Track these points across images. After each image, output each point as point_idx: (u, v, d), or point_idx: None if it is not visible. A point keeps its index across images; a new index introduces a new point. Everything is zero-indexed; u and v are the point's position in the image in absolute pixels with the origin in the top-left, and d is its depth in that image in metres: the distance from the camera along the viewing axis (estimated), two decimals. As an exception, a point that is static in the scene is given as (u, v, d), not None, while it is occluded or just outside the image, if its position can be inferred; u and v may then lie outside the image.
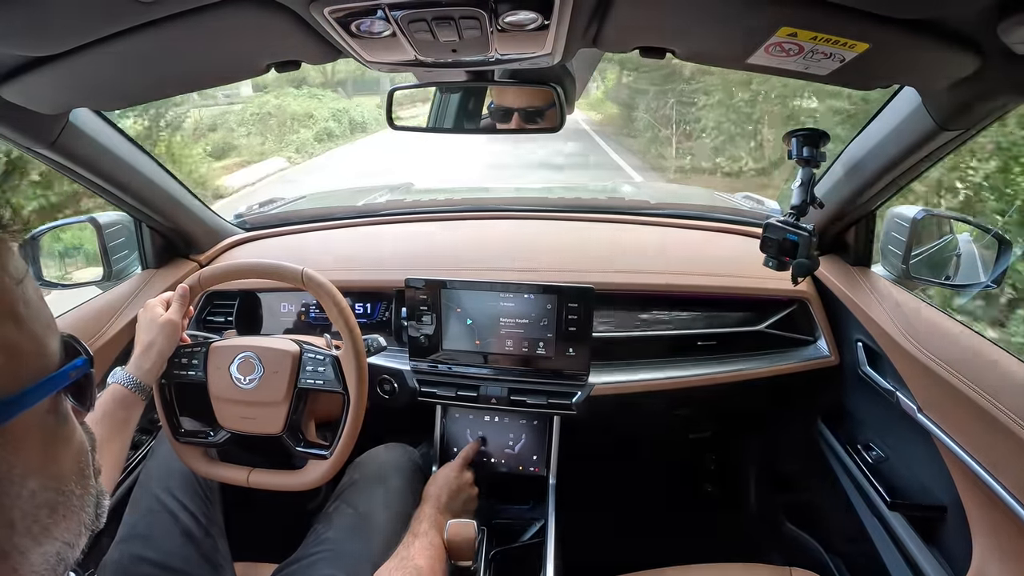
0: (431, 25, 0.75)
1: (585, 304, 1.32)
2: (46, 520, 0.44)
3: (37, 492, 0.43)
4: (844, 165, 1.31)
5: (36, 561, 0.43)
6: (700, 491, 2.11)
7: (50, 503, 0.44)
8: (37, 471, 0.43)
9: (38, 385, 0.43)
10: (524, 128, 1.23)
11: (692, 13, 0.78)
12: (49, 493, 0.44)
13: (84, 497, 0.48)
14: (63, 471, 0.46)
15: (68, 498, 0.46)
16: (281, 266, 1.12)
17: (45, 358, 0.45)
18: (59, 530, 0.45)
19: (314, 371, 1.12)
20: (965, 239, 1.39)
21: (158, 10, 0.72)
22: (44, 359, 0.45)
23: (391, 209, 2.03)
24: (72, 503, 0.47)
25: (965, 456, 1.02)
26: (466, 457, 1.37)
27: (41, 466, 0.44)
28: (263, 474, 1.14)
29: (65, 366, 0.46)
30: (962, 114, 0.95)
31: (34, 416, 0.43)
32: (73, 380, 0.47)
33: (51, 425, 0.45)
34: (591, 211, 1.93)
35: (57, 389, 0.45)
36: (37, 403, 0.43)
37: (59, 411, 0.46)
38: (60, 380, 0.45)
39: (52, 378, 0.44)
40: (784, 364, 1.44)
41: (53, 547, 0.44)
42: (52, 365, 0.45)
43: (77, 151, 1.18)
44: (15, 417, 0.41)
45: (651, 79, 12.26)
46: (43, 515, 0.43)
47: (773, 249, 1.17)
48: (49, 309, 0.47)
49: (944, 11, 0.70)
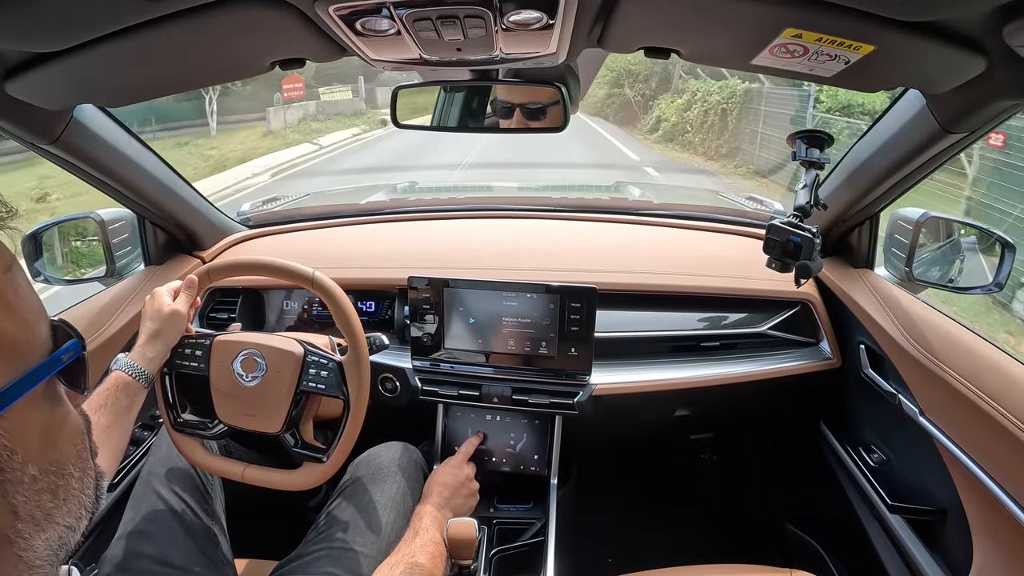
0: (436, 24, 0.76)
1: (588, 304, 1.32)
2: (48, 505, 0.44)
3: (38, 477, 0.43)
4: (848, 167, 1.31)
5: (39, 546, 0.43)
6: (701, 492, 2.11)
7: (51, 487, 0.44)
8: (37, 457, 0.43)
9: (31, 372, 0.43)
10: (528, 127, 1.23)
11: (697, 14, 0.78)
12: (50, 478, 0.44)
13: (83, 479, 0.49)
14: (62, 455, 0.46)
15: (68, 481, 0.46)
16: (292, 266, 1.12)
17: (36, 344, 0.45)
18: (60, 514, 0.45)
19: (316, 374, 1.12)
20: (968, 242, 1.39)
21: (164, 7, 0.72)
22: (35, 345, 0.45)
23: (394, 208, 2.03)
24: (72, 486, 0.47)
25: (966, 459, 1.02)
26: (467, 452, 1.37)
27: (40, 451, 0.44)
28: (259, 471, 1.14)
29: (56, 351, 0.46)
30: (967, 117, 0.95)
31: (30, 403, 0.43)
32: (66, 364, 0.47)
33: (46, 410, 0.45)
34: (594, 211, 1.93)
35: (50, 374, 0.45)
36: (31, 389, 0.43)
37: (53, 396, 0.46)
38: (53, 365, 0.45)
39: (45, 363, 0.44)
40: (786, 366, 1.44)
41: (55, 531, 0.45)
42: (44, 351, 0.45)
43: (81, 147, 1.19)
44: (12, 404, 0.41)
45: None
46: (45, 500, 0.44)
47: (776, 251, 1.17)
48: (38, 296, 0.47)
49: (949, 14, 0.70)
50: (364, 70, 19.96)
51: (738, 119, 12.68)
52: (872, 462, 1.35)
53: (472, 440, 1.42)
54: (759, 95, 11.92)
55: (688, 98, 14.90)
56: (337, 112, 21.25)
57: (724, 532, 1.95)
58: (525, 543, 1.33)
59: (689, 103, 14.68)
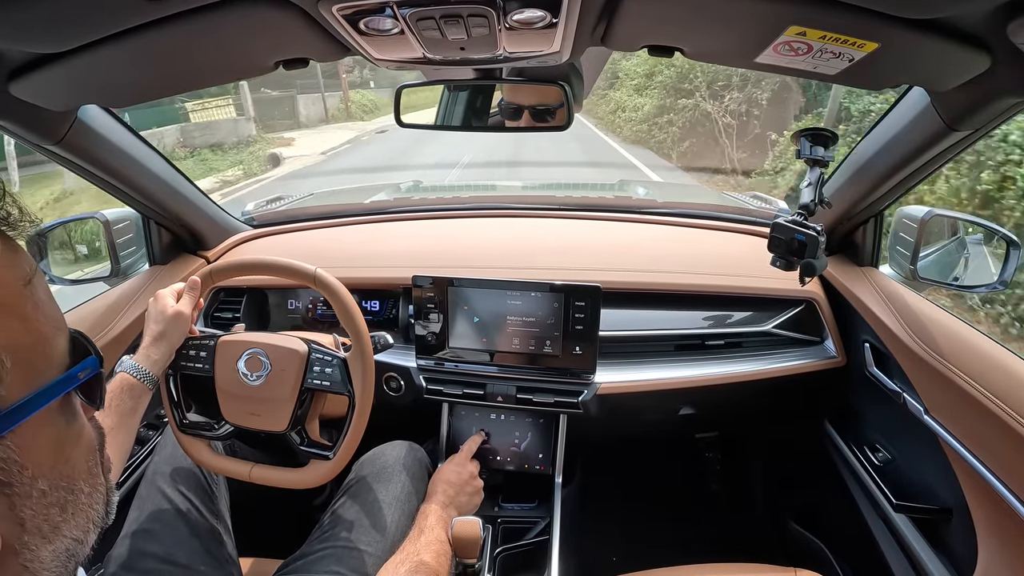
0: (439, 23, 0.75)
1: (592, 303, 1.31)
2: (56, 519, 0.44)
3: (47, 492, 0.43)
4: (853, 165, 1.30)
5: (46, 558, 0.43)
6: (705, 491, 2.11)
7: (60, 502, 0.44)
8: (47, 472, 0.43)
9: (47, 388, 0.42)
10: (533, 126, 1.23)
11: (701, 11, 0.78)
12: (59, 492, 0.44)
13: (93, 495, 0.48)
14: (73, 470, 0.46)
15: (77, 496, 0.46)
16: (294, 264, 1.12)
17: (54, 359, 0.44)
18: (68, 527, 0.45)
19: (321, 372, 1.12)
20: (974, 240, 1.39)
21: (167, 7, 0.72)
22: (53, 360, 0.44)
23: (398, 207, 2.03)
24: (81, 501, 0.46)
25: (971, 458, 1.01)
26: (470, 450, 1.37)
27: (51, 466, 0.43)
28: (265, 470, 1.14)
29: (74, 367, 0.45)
30: (971, 114, 0.94)
31: (44, 417, 0.42)
32: (82, 381, 0.46)
33: (61, 425, 0.45)
34: (598, 210, 1.93)
35: (65, 391, 0.44)
36: (46, 405, 0.42)
37: (68, 410, 0.46)
38: (69, 382, 0.45)
39: (61, 380, 0.44)
40: (791, 364, 1.44)
41: (63, 544, 0.44)
42: (61, 366, 0.45)
43: (86, 148, 1.19)
44: (25, 420, 0.40)
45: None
46: (53, 514, 0.43)
47: (781, 249, 1.17)
48: (58, 308, 0.46)
49: (953, 11, 0.70)
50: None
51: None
52: (877, 461, 1.35)
53: (475, 438, 1.42)
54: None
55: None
56: (212, 142, 13.64)
57: (728, 531, 1.94)
58: (529, 542, 1.33)
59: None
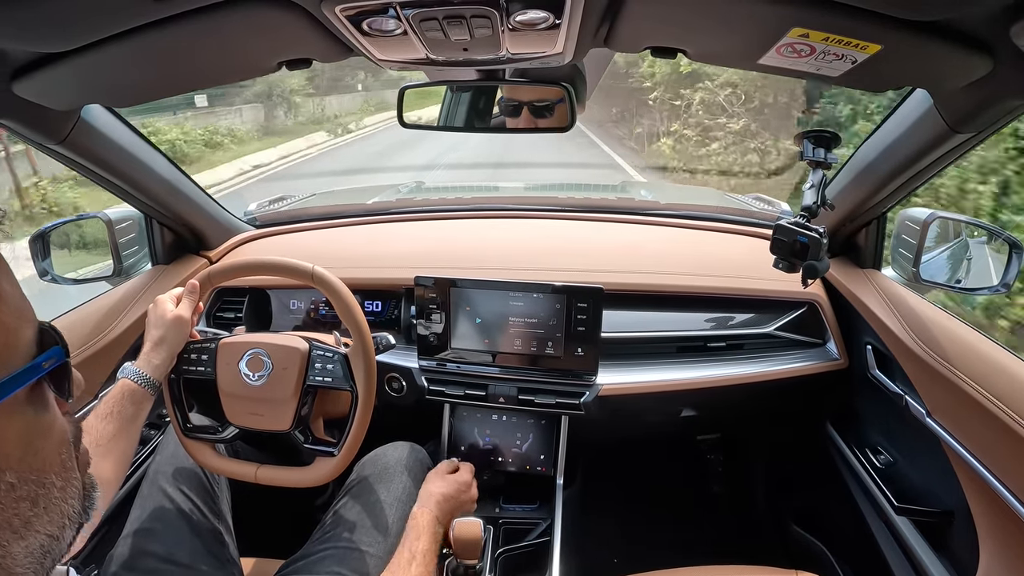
0: (442, 24, 0.76)
1: (594, 304, 1.31)
2: (27, 513, 0.43)
3: (16, 485, 0.42)
4: (855, 167, 1.30)
5: (18, 554, 0.42)
6: (707, 492, 2.11)
7: (30, 496, 0.43)
8: (15, 464, 0.42)
9: (11, 377, 0.42)
10: (535, 127, 1.23)
11: (704, 13, 0.78)
12: (29, 486, 0.43)
13: (67, 488, 0.47)
14: (44, 463, 0.45)
15: (49, 490, 0.45)
16: (291, 263, 1.13)
17: (19, 349, 0.44)
18: (41, 523, 0.44)
19: (323, 368, 1.12)
20: (976, 242, 1.39)
21: (171, 8, 0.73)
22: (18, 350, 0.44)
23: (401, 208, 2.03)
24: (53, 495, 0.46)
25: (973, 461, 1.01)
26: (451, 466, 1.28)
27: (20, 458, 0.43)
28: (271, 470, 1.15)
29: (38, 357, 0.45)
30: (974, 117, 0.94)
31: (11, 407, 0.42)
32: (47, 371, 0.45)
33: (30, 416, 0.44)
34: (601, 211, 1.93)
35: (30, 381, 0.44)
36: (11, 394, 0.42)
37: (38, 402, 0.45)
38: (33, 372, 0.44)
39: (25, 370, 0.43)
40: (793, 366, 1.43)
41: (36, 540, 0.44)
42: (27, 356, 0.44)
43: (89, 147, 1.19)
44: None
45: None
46: (24, 508, 0.43)
47: (783, 251, 1.17)
48: (26, 299, 0.46)
49: (956, 13, 0.70)
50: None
51: None
52: (878, 463, 1.35)
53: (452, 462, 1.31)
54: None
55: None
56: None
57: (730, 533, 1.94)
58: (531, 543, 1.33)
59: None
